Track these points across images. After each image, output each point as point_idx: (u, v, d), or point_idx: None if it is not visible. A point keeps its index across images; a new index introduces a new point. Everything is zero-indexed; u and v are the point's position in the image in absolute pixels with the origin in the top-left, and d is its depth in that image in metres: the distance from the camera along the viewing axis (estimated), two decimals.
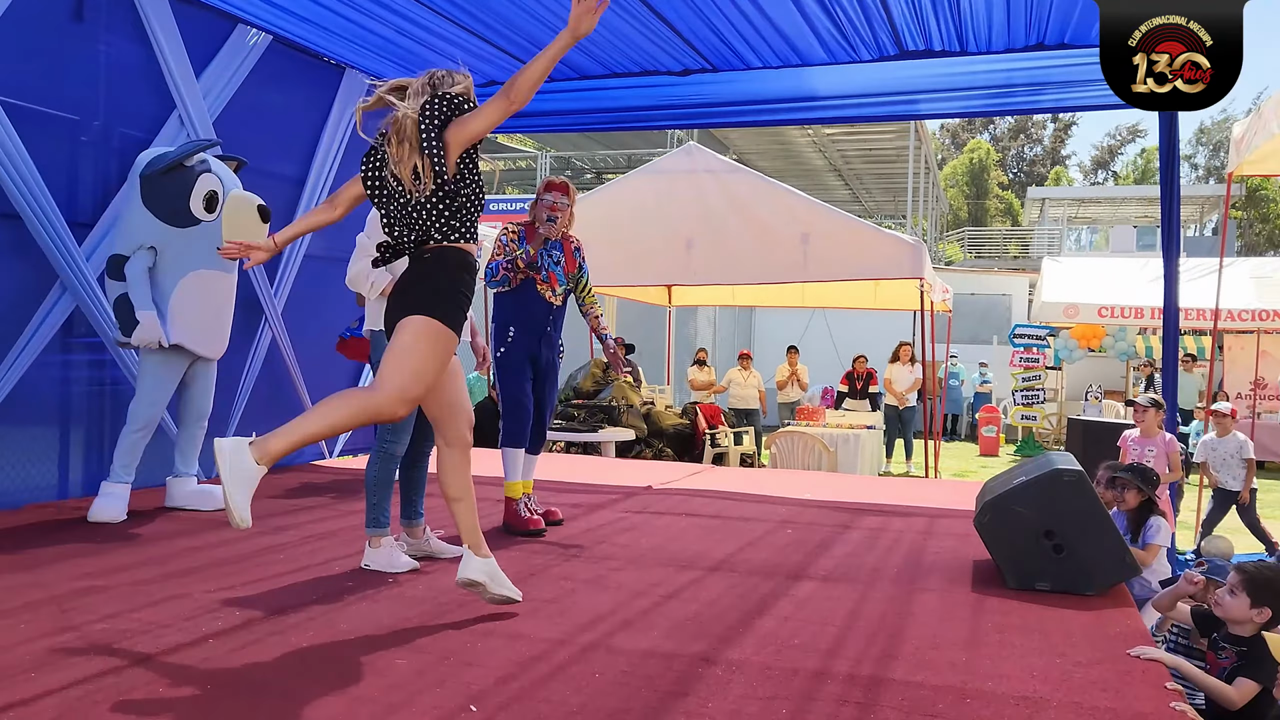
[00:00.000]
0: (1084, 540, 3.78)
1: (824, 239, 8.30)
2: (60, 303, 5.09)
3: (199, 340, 4.97)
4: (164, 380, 4.86)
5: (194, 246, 4.93)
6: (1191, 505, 8.13)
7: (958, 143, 53.30)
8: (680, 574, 3.95)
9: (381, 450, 3.93)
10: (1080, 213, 32.01)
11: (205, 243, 4.95)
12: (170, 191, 4.86)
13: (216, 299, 5.08)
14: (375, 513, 3.87)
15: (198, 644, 2.80)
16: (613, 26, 6.18)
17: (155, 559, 3.89)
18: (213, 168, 5.07)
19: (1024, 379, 14.57)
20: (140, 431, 4.78)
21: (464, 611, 3.26)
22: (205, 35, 5.91)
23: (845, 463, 9.23)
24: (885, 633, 3.19)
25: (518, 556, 4.18)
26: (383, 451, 3.93)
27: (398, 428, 3.90)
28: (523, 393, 4.79)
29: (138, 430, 4.77)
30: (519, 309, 4.80)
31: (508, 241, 4.78)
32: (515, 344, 4.77)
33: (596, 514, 5.34)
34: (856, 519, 5.37)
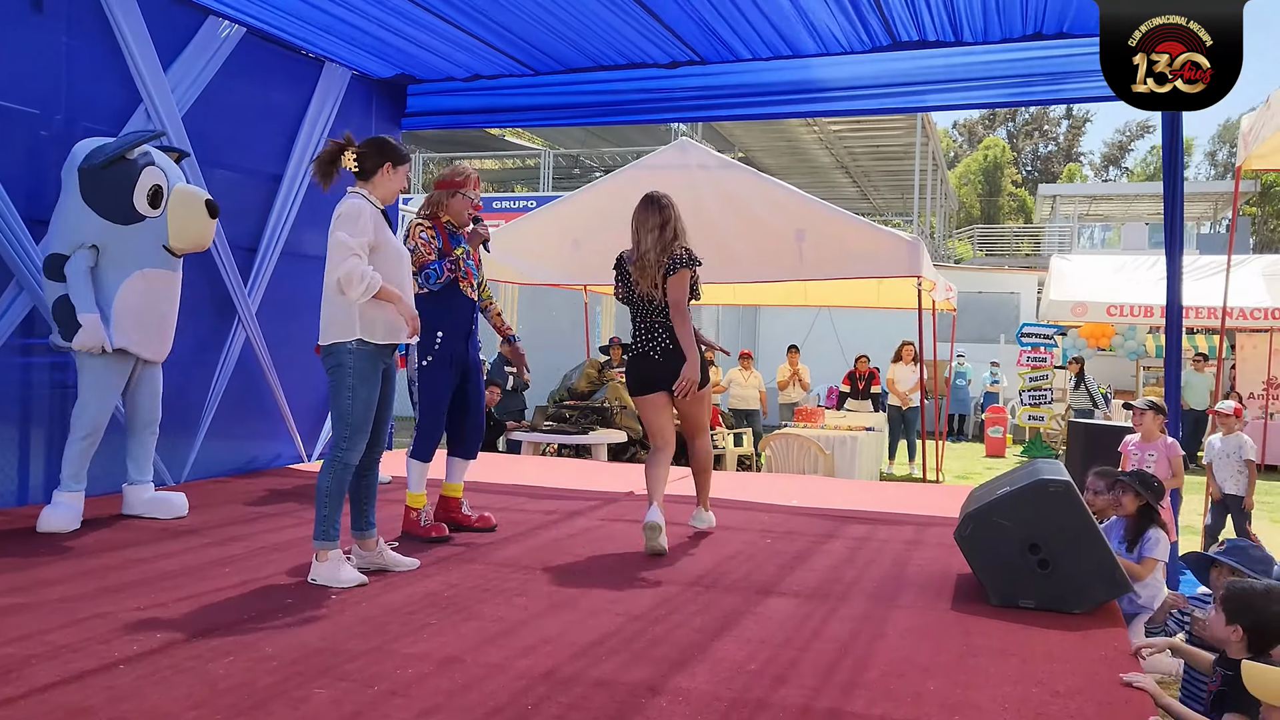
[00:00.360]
0: (1071, 555, 3.57)
1: (819, 236, 8.08)
2: (17, 302, 4.93)
3: (143, 344, 4.76)
4: (107, 386, 4.64)
5: (138, 244, 4.72)
6: (1198, 510, 7.88)
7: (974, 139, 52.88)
8: (644, 590, 3.75)
9: (335, 459, 3.72)
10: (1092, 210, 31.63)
11: (150, 240, 4.76)
12: (112, 186, 4.65)
13: (162, 300, 4.86)
14: (324, 525, 3.67)
15: (105, 670, 2.61)
16: (597, 17, 5.98)
17: (94, 571, 3.71)
18: (156, 160, 4.86)
19: (1031, 379, 14.29)
20: (87, 439, 4.58)
21: (404, 632, 3.08)
22: (174, 27, 5.73)
23: (842, 466, 9.00)
24: (852, 657, 2.99)
25: (477, 571, 3.99)
26: (337, 460, 3.72)
27: (354, 434, 3.70)
28: (444, 403, 4.59)
29: (84, 438, 4.57)
30: (446, 311, 4.54)
31: (429, 239, 4.54)
32: (443, 348, 4.53)
33: (569, 522, 5.14)
34: (841, 528, 5.16)
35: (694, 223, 8.32)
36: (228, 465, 6.37)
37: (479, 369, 4.77)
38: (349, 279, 3.56)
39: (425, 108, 7.65)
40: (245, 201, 6.37)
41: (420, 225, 4.56)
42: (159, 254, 4.79)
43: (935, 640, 3.19)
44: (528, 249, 9.34)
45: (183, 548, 4.16)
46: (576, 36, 6.36)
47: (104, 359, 4.61)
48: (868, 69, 6.56)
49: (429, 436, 4.59)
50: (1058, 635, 3.29)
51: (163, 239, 4.80)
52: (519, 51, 6.68)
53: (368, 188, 3.85)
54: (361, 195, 3.81)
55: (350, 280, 3.57)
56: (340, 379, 3.68)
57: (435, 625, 3.15)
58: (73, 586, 3.47)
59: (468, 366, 4.67)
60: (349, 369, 3.67)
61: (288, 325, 6.62)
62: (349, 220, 3.69)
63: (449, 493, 4.80)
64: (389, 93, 7.54)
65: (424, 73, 7.28)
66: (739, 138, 22.58)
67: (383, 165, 3.86)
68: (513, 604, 3.47)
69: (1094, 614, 3.55)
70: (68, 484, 4.54)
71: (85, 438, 4.57)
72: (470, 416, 4.73)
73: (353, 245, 3.61)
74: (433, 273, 4.48)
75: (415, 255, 4.45)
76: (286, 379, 6.67)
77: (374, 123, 7.43)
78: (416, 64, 7.05)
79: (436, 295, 4.53)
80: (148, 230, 4.74)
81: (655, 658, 2.91)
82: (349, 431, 3.69)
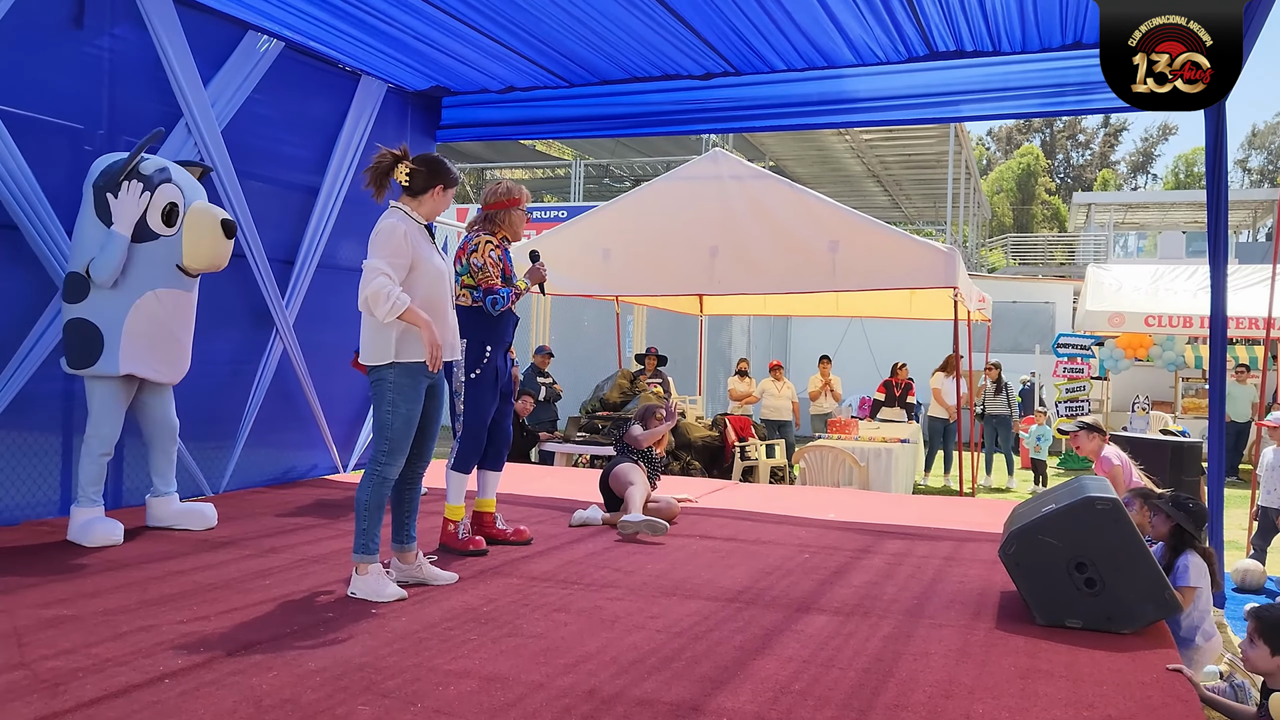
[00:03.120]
0: (1119, 575, 3.50)
1: (853, 247, 8.01)
2: (60, 316, 4.99)
3: (155, 368, 4.68)
4: (113, 406, 4.62)
5: (150, 263, 4.63)
6: (1241, 524, 7.75)
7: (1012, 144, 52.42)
8: (683, 605, 3.72)
9: (374, 473, 3.72)
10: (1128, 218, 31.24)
11: (163, 259, 4.67)
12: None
13: (174, 321, 4.75)
14: (364, 538, 3.67)
15: (150, 685, 2.62)
16: (631, 29, 5.98)
17: (135, 583, 3.73)
18: (173, 176, 4.78)
19: (1068, 390, 14.11)
20: (102, 456, 4.61)
21: (444, 648, 3.06)
22: (214, 41, 5.80)
23: (877, 478, 8.91)
24: (897, 677, 2.94)
25: (514, 585, 3.97)
26: (375, 474, 3.72)
27: (393, 449, 3.69)
28: (489, 417, 4.60)
29: (101, 455, 4.60)
30: (495, 327, 4.57)
31: (499, 260, 4.58)
32: (490, 363, 4.55)
33: (605, 535, 5.12)
34: (879, 543, 5.10)
35: (725, 232, 8.37)
36: (265, 475, 6.41)
37: (511, 383, 4.80)
38: (375, 298, 3.54)
39: (460, 119, 7.69)
40: (283, 213, 6.42)
41: (489, 243, 4.56)
42: (172, 273, 4.70)
43: (981, 661, 3.14)
44: (559, 260, 9.33)
45: (222, 560, 4.17)
46: (611, 48, 6.37)
47: (112, 381, 4.60)
48: (901, 80, 6.51)
49: (472, 449, 4.60)
50: (1106, 657, 3.22)
51: (176, 258, 4.70)
52: (553, 63, 6.70)
53: (413, 204, 3.84)
54: (403, 211, 3.81)
55: (376, 299, 3.54)
56: (381, 393, 3.69)
57: (475, 641, 3.14)
58: (115, 599, 3.49)
59: (504, 382, 4.70)
60: (389, 384, 3.68)
61: (324, 336, 6.67)
62: (382, 242, 3.67)
63: (482, 508, 4.79)
64: (424, 105, 7.58)
65: (458, 85, 7.32)
66: (770, 147, 22.52)
67: (434, 186, 3.85)
68: (551, 620, 3.45)
69: (1143, 635, 3.48)
70: (89, 498, 4.57)
71: (101, 454, 4.61)
72: (500, 429, 4.74)
73: (381, 266, 3.59)
74: (500, 299, 4.50)
75: (484, 274, 4.48)
76: (323, 390, 6.71)
77: (409, 134, 7.48)
78: (451, 76, 7.08)
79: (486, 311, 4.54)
80: (162, 249, 4.66)
81: (697, 676, 2.88)
82: (388, 445, 3.69)
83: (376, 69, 6.95)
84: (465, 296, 4.52)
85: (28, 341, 4.88)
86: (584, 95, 7.23)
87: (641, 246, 8.74)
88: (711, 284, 8.70)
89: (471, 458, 4.61)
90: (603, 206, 9.78)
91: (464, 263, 4.55)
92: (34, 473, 5.00)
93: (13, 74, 4.79)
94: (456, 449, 4.59)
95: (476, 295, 4.51)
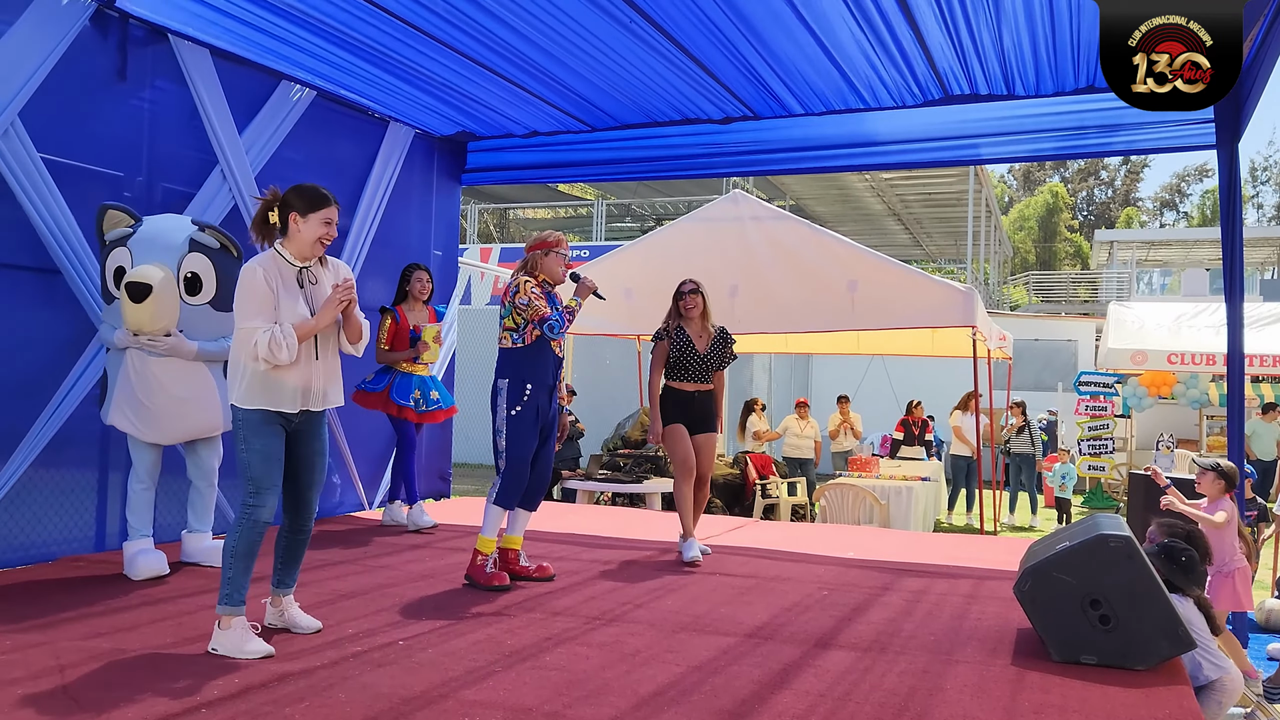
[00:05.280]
0: (1133, 611, 3.54)
1: (872, 286, 8.11)
2: (99, 356, 5.15)
3: (135, 425, 4.67)
4: (138, 445, 4.78)
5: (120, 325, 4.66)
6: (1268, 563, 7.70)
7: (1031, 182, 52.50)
8: (702, 640, 3.78)
9: (246, 516, 3.49)
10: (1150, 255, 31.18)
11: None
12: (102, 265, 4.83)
13: (159, 383, 4.63)
14: (230, 587, 3.44)
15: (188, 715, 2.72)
16: (654, 74, 6.13)
17: (171, 617, 3.85)
18: (133, 238, 4.70)
19: (1090, 428, 14.06)
20: (142, 490, 4.78)
21: (469, 679, 3.14)
22: (248, 91, 6.00)
23: (897, 516, 8.93)
24: (911, 712, 2.99)
25: (536, 619, 4.05)
26: (247, 518, 3.49)
27: (261, 489, 3.49)
28: (530, 453, 4.71)
29: (143, 486, 4.78)
30: (535, 365, 4.72)
31: (540, 293, 4.74)
32: (530, 401, 4.68)
33: (626, 571, 5.19)
34: (898, 580, 5.15)
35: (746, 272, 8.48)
36: None
37: (555, 426, 4.90)
38: (271, 351, 3.38)
39: (484, 164, 7.89)
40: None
41: (529, 282, 4.72)
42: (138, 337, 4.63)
43: (996, 697, 3.19)
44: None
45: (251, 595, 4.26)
46: (632, 93, 6.53)
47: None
48: (919, 121, 6.64)
49: (514, 485, 4.68)
50: (1120, 693, 3.26)
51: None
52: (576, 108, 6.87)
53: (285, 244, 3.62)
54: (273, 254, 3.60)
55: (274, 352, 3.38)
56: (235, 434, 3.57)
57: (499, 674, 3.22)
58: (153, 634, 3.60)
59: (548, 421, 4.80)
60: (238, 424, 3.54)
61: (350, 375, 6.78)
62: (240, 298, 3.49)
63: (508, 544, 4.88)
64: (450, 149, 7.78)
65: (483, 129, 7.52)
66: (789, 186, 22.71)
67: (289, 216, 3.58)
68: (573, 653, 3.53)
69: (1158, 671, 3.51)
70: (135, 530, 4.72)
71: (141, 489, 4.78)
72: (539, 470, 4.83)
73: (251, 326, 3.43)
74: (556, 323, 4.67)
75: (530, 309, 4.64)
76: (349, 427, 6.84)
77: (435, 178, 7.69)
78: (477, 121, 7.28)
79: (526, 349, 4.69)
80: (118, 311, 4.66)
81: (715, 709, 2.94)
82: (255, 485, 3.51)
83: (404, 115, 7.16)
84: (506, 339, 4.72)
85: (67, 382, 5.04)
86: (606, 140, 7.39)
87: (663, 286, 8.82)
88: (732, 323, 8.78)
89: (513, 494, 4.69)
90: (625, 246, 9.94)
91: (506, 305, 4.73)
92: (71, 509, 5.15)
93: (57, 124, 5.00)
94: (499, 483, 4.68)
95: (516, 338, 4.69)
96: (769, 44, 5.58)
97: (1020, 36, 5.39)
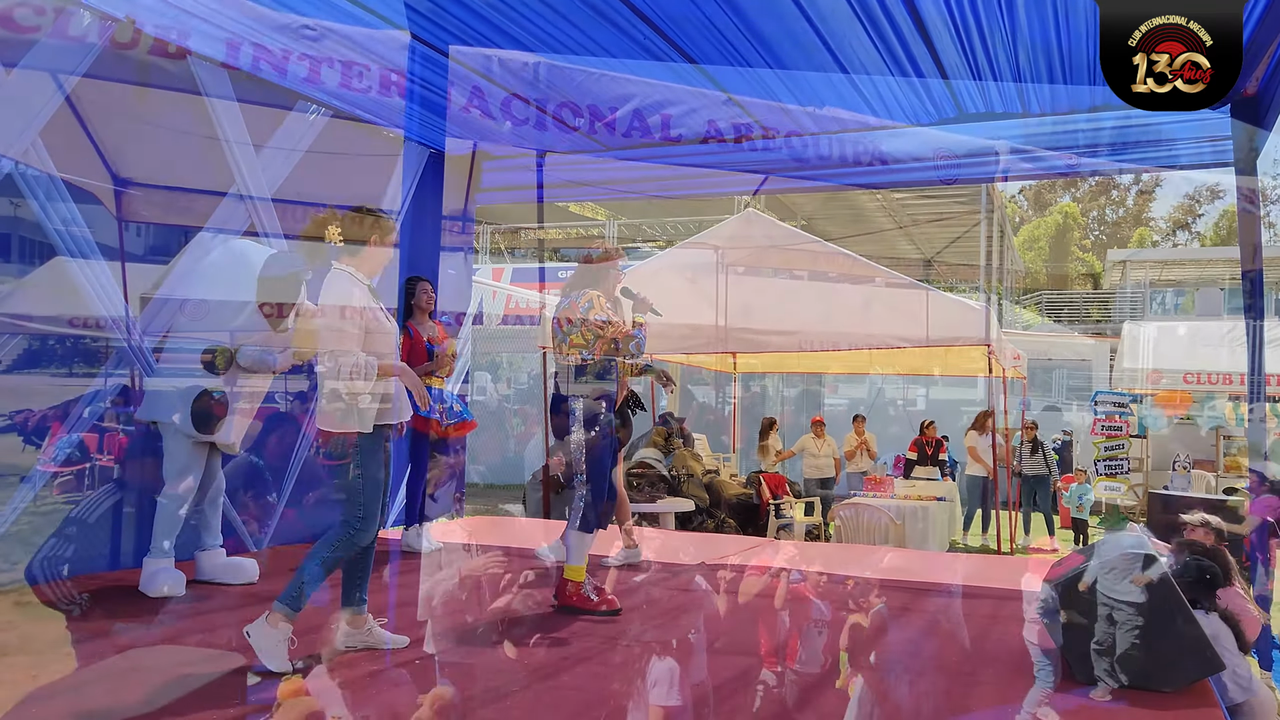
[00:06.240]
0: (1159, 631, 3.49)
1: (886, 305, 8.10)
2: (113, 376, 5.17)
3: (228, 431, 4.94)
4: (194, 458, 4.84)
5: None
6: None
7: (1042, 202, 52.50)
8: (717, 661, 3.74)
9: (348, 538, 3.59)
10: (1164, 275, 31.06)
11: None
12: None
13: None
14: (297, 592, 3.50)
15: None
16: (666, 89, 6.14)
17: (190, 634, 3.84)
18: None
19: (1106, 448, 13.95)
20: (183, 507, 4.77)
21: (487, 699, 3.12)
22: (265, 112, 6.03)
23: (913, 536, 8.87)
24: None
25: (556, 639, 4.02)
26: (349, 539, 3.58)
27: (367, 515, 3.58)
28: (609, 473, 4.63)
29: (181, 506, 4.77)
30: (607, 382, 4.60)
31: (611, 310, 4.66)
32: (605, 419, 4.57)
33: (640, 592, 5.15)
34: (917, 600, 5.09)
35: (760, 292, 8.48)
36: (307, 531, 6.51)
37: (618, 442, 4.85)
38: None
39: (499, 183, 7.90)
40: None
41: (601, 296, 4.59)
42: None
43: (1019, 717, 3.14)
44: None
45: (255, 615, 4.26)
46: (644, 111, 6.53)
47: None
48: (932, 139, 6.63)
49: (599, 508, 4.57)
50: (1148, 715, 3.21)
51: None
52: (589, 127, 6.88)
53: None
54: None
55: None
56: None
57: (518, 694, 3.19)
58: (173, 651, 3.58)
59: (615, 439, 4.75)
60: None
61: None
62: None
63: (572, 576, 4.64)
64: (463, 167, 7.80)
65: (497, 149, 7.54)
66: (800, 205, 22.72)
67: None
68: (589, 673, 3.49)
69: (1185, 693, 3.45)
70: (162, 550, 4.70)
71: (180, 506, 4.77)
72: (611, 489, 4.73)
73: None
74: (642, 340, 4.58)
75: (612, 326, 4.52)
76: None
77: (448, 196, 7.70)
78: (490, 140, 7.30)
79: (597, 367, 4.54)
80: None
81: None
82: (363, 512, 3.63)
83: (419, 134, 7.18)
84: (575, 355, 4.52)
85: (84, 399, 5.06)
86: (618, 158, 7.41)
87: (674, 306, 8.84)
88: (745, 342, 8.80)
89: (594, 520, 4.54)
90: (636, 266, 9.95)
91: (575, 322, 4.52)
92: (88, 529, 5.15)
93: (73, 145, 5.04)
94: (581, 510, 4.51)
95: (586, 355, 4.51)
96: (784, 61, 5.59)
97: (1036, 54, 5.38)
